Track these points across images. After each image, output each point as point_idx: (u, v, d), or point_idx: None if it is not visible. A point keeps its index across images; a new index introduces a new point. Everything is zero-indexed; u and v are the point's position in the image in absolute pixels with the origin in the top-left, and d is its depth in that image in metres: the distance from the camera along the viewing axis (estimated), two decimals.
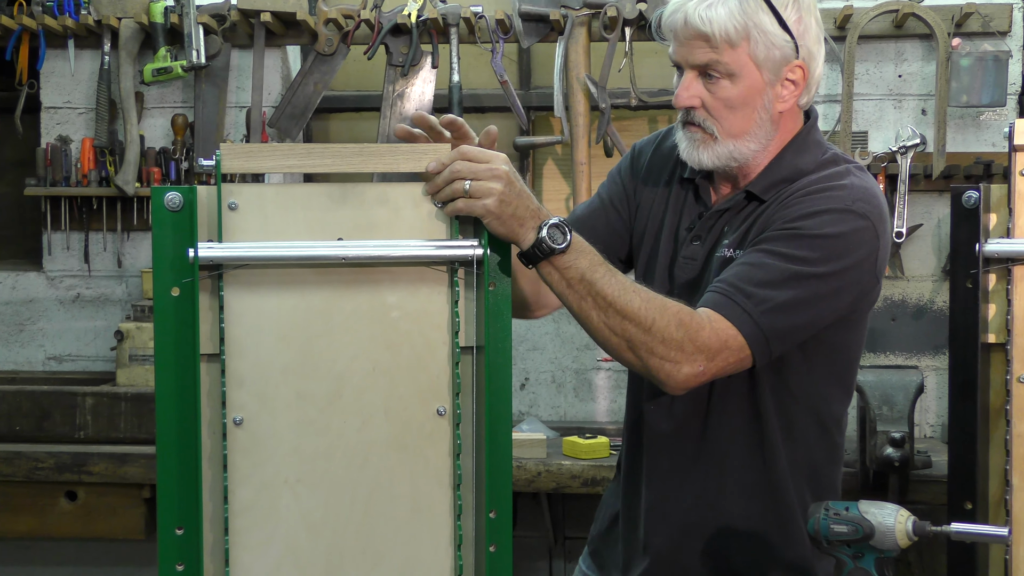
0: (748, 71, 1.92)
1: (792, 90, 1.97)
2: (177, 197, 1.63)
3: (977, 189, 2.11)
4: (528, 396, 4.33)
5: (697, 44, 1.91)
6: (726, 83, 1.93)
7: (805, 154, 2.01)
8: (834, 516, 1.67)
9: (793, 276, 1.86)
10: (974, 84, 4.00)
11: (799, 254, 1.87)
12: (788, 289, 1.85)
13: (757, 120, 1.96)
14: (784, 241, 1.88)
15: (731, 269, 1.90)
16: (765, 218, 1.94)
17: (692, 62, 1.94)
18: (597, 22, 4.11)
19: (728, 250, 1.97)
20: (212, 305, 1.65)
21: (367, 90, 4.60)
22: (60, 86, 4.45)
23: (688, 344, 1.80)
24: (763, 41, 1.91)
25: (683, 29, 1.92)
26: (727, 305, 1.84)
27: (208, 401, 1.66)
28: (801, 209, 1.91)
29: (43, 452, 3.73)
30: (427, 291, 1.70)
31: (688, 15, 1.90)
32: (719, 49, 1.90)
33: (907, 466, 3.34)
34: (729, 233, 1.99)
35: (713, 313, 1.83)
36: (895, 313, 4.20)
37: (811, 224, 1.89)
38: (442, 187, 1.66)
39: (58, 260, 4.47)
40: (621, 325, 1.79)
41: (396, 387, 1.70)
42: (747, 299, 1.84)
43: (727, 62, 1.91)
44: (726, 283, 1.87)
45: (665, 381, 1.84)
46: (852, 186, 1.94)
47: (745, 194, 2.00)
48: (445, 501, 1.72)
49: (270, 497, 1.68)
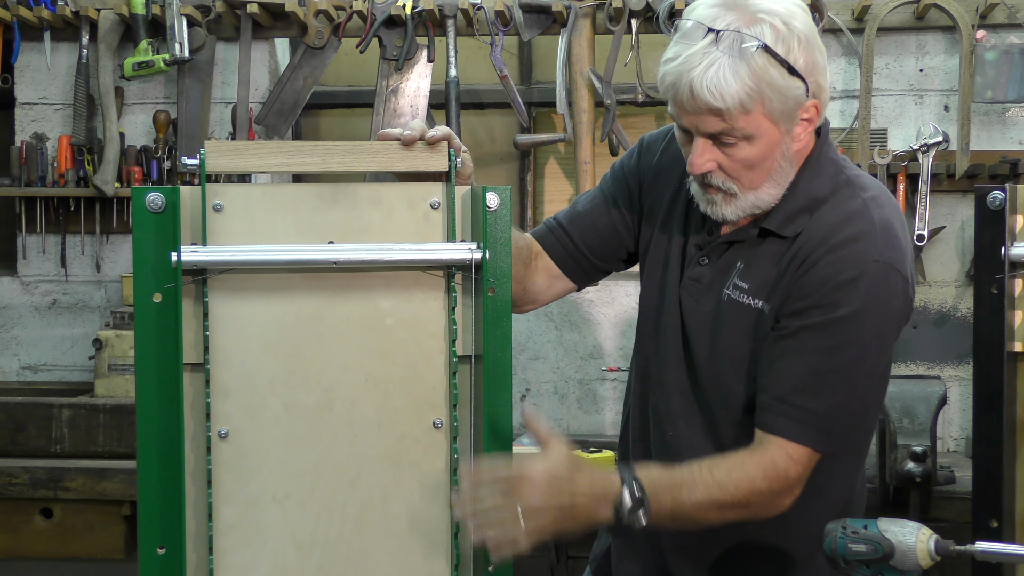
0: (764, 129, 1.89)
1: (806, 127, 1.95)
2: (159, 198, 1.63)
3: (1003, 189, 2.11)
4: (529, 408, 4.33)
5: (706, 117, 1.86)
6: (743, 145, 1.89)
7: (819, 177, 1.99)
8: (852, 534, 1.67)
9: (848, 366, 1.91)
10: (1000, 79, 4.01)
11: (846, 338, 1.90)
12: (847, 383, 1.91)
13: (776, 168, 1.95)
14: (825, 329, 1.90)
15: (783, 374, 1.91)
16: (792, 277, 1.93)
17: (704, 131, 1.89)
18: (602, 14, 4.11)
19: (747, 297, 1.96)
20: (196, 312, 1.65)
21: (359, 85, 4.60)
22: (35, 81, 4.45)
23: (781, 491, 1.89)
24: (776, 98, 1.87)
25: (691, 102, 1.85)
26: (800, 431, 1.89)
27: (191, 413, 1.66)
28: (831, 275, 1.90)
29: (17, 467, 3.73)
30: (423, 297, 1.70)
31: (695, 87, 1.83)
32: (733, 119, 1.85)
33: (929, 482, 3.34)
34: (745, 272, 1.98)
35: (790, 445, 1.89)
36: (916, 320, 4.20)
37: (845, 298, 1.89)
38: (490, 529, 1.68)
39: (33, 264, 4.47)
40: (723, 518, 1.88)
41: (390, 398, 1.70)
42: (815, 417, 1.89)
43: (742, 127, 1.86)
44: (790, 403, 1.90)
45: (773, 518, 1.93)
46: (873, 230, 1.93)
47: (760, 230, 1.99)
48: (442, 518, 1.72)
49: (257, 515, 1.68)
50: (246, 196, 1.66)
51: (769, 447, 1.89)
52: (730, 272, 1.99)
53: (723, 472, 1.87)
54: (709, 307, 2.00)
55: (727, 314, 1.97)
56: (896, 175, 4.05)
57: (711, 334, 1.98)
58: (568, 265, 2.16)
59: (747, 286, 1.97)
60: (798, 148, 1.96)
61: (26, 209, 4.38)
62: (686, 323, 2.01)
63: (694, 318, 2.00)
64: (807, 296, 1.91)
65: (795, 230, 1.96)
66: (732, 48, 1.82)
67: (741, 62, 1.82)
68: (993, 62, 4.00)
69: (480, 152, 4.61)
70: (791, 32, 1.85)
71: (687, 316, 2.01)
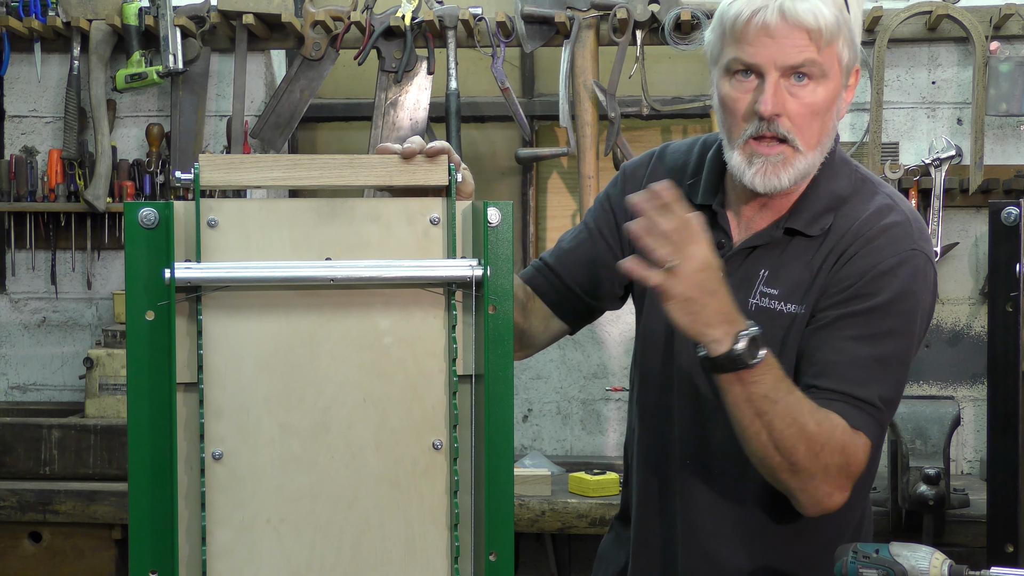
0: (834, 72, 1.91)
1: (847, 99, 1.98)
2: (152, 213, 1.63)
3: (1017, 205, 2.12)
4: (531, 428, 4.33)
5: (795, 40, 1.86)
6: (813, 86, 1.90)
7: (838, 178, 2.01)
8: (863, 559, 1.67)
9: (892, 356, 1.93)
10: (1014, 91, 4.01)
11: (888, 326, 1.92)
12: (891, 373, 1.94)
13: (830, 130, 1.97)
14: (866, 317, 1.91)
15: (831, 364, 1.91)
16: (827, 273, 1.94)
17: (784, 62, 1.88)
18: (606, 25, 4.12)
19: (779, 303, 1.96)
20: (190, 330, 1.65)
21: (357, 98, 4.61)
22: (25, 93, 4.46)
23: (846, 471, 1.88)
24: (847, 39, 1.91)
25: (781, 24, 1.86)
26: (861, 417, 1.90)
27: (185, 434, 1.66)
28: (870, 265, 1.93)
29: (5, 489, 3.73)
30: (422, 315, 1.70)
31: (786, 7, 1.85)
32: (820, 46, 1.87)
33: (942, 505, 3.33)
34: (772, 278, 1.98)
35: (853, 430, 1.88)
36: (929, 339, 4.20)
37: (886, 286, 1.92)
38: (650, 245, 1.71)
39: (22, 281, 4.47)
40: (793, 447, 1.83)
41: (388, 419, 1.70)
42: (870, 405, 1.90)
43: (822, 62, 1.88)
44: (843, 392, 1.89)
45: (811, 506, 1.90)
46: (907, 220, 1.97)
47: (784, 231, 1.99)
48: (441, 543, 1.72)
49: (251, 539, 1.68)
50: (241, 211, 1.66)
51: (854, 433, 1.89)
52: (754, 281, 1.99)
53: (818, 408, 1.86)
54: None
55: (759, 325, 1.97)
56: (908, 190, 4.05)
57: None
58: (560, 306, 2.16)
59: (777, 292, 1.97)
60: (841, 117, 1.98)
61: (15, 224, 4.38)
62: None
63: None
64: (847, 287, 1.92)
65: (821, 228, 1.97)
66: None
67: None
68: (1007, 74, 4.01)
69: (481, 166, 4.61)
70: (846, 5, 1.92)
71: None
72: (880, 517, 3.53)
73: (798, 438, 1.82)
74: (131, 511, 1.65)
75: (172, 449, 1.64)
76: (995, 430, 2.15)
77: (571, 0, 4.12)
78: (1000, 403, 2.15)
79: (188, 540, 1.67)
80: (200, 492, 1.65)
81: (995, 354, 2.16)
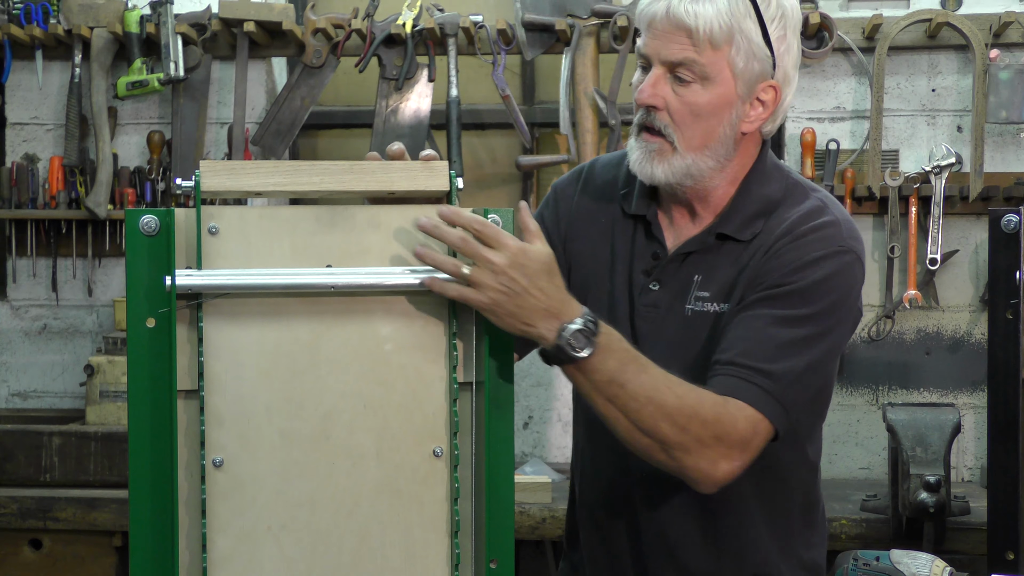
0: (723, 78, 1.91)
1: (760, 112, 1.96)
2: (153, 220, 1.63)
3: (1017, 212, 2.12)
4: (532, 436, 4.33)
5: (676, 38, 1.89)
6: (697, 87, 1.91)
7: (771, 182, 2.01)
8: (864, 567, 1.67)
9: (803, 340, 1.89)
10: (1014, 99, 4.02)
11: (804, 312, 1.89)
12: (802, 355, 1.89)
13: (720, 136, 1.95)
14: (785, 300, 1.90)
15: (736, 340, 1.89)
16: (754, 269, 1.94)
17: (665, 57, 1.91)
18: (606, 32, 4.13)
19: (711, 304, 1.96)
20: (190, 337, 1.65)
21: (358, 105, 4.61)
22: (27, 100, 4.46)
23: (724, 440, 1.82)
24: (745, 49, 1.90)
25: (664, 20, 1.89)
26: (750, 391, 1.85)
27: (185, 441, 1.66)
28: (795, 258, 1.92)
29: (5, 496, 3.72)
30: (423, 322, 1.70)
31: (672, 5, 1.88)
32: (700, 47, 1.88)
33: (943, 512, 3.33)
34: (705, 282, 1.98)
35: (739, 402, 1.85)
36: (929, 346, 4.20)
37: (809, 274, 1.91)
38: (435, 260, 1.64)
39: (23, 288, 4.47)
40: (655, 426, 1.80)
41: (389, 426, 1.69)
42: (766, 378, 1.86)
43: (704, 63, 1.89)
44: (739, 364, 1.87)
45: (701, 481, 1.86)
46: (837, 221, 1.97)
47: (716, 236, 1.99)
48: (441, 550, 1.72)
49: (252, 546, 1.67)
50: (242, 219, 1.66)
51: (728, 402, 1.85)
52: (689, 287, 1.99)
53: (679, 382, 1.82)
54: (673, 329, 1.99)
55: (696, 329, 1.97)
56: (908, 197, 4.05)
57: (680, 356, 1.97)
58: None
59: (708, 294, 1.97)
60: (746, 131, 1.96)
61: (16, 232, 4.38)
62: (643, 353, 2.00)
63: (657, 346, 1.98)
64: (769, 278, 1.92)
65: (752, 232, 1.97)
66: None
67: (724, 0, 1.88)
68: (1007, 82, 4.01)
69: (482, 173, 4.62)
70: (778, 6, 1.93)
71: (646, 345, 1.98)
72: (881, 524, 3.54)
73: (658, 416, 1.79)
74: (131, 518, 1.65)
75: (173, 456, 1.64)
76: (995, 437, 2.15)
77: (572, 8, 4.13)
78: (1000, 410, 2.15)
79: (188, 547, 1.66)
80: (201, 499, 1.65)
81: (995, 361, 2.16)
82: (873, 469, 4.20)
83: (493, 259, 1.66)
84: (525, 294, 1.69)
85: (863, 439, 4.23)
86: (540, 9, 4.14)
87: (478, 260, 1.66)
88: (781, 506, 2.05)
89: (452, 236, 1.64)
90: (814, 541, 2.09)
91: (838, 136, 4.17)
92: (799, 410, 1.90)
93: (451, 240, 1.65)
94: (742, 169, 2.00)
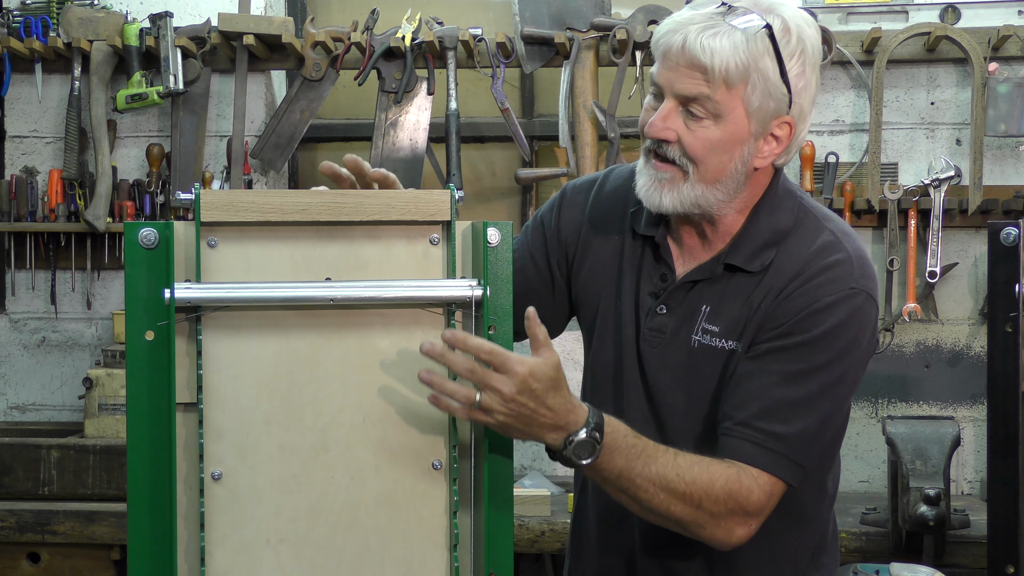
0: (736, 116, 1.87)
1: (773, 147, 1.92)
2: (152, 233, 1.63)
3: (1016, 225, 2.12)
4: (531, 448, 4.32)
5: (690, 73, 1.85)
6: (709, 123, 1.87)
7: (780, 210, 1.98)
8: None
9: (817, 394, 1.89)
10: (1013, 112, 4.02)
11: (816, 363, 1.89)
12: (816, 411, 1.90)
13: (731, 171, 1.91)
14: (796, 353, 1.89)
15: (749, 398, 1.89)
16: (765, 311, 1.91)
17: (679, 91, 1.87)
18: (605, 45, 4.13)
19: (719, 340, 1.94)
20: (189, 350, 1.65)
21: (358, 118, 4.62)
22: (26, 113, 4.47)
23: (739, 512, 1.85)
24: (761, 88, 1.86)
25: (679, 53, 1.85)
26: (765, 457, 1.87)
27: (184, 454, 1.66)
28: (807, 303, 1.90)
29: (3, 510, 3.72)
30: (422, 335, 1.70)
31: (688, 40, 1.84)
32: (714, 85, 1.84)
33: (943, 526, 3.32)
34: (712, 315, 1.96)
35: (754, 471, 1.86)
36: (929, 359, 4.20)
37: (820, 321, 1.89)
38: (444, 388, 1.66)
39: (22, 301, 4.47)
40: (668, 510, 1.83)
41: (388, 439, 1.69)
42: (780, 442, 1.87)
43: (718, 101, 1.85)
44: (754, 428, 1.87)
45: (717, 546, 1.89)
46: (849, 258, 1.94)
47: (724, 266, 1.97)
48: (441, 563, 1.71)
49: (250, 559, 1.67)
50: (241, 232, 1.66)
51: (743, 472, 1.86)
52: (696, 317, 1.97)
53: (687, 461, 1.84)
54: (678, 357, 1.98)
55: (701, 361, 1.95)
56: (907, 210, 4.06)
57: (685, 386, 1.96)
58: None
59: (717, 329, 1.95)
60: (758, 166, 1.94)
61: (15, 244, 4.38)
62: (649, 379, 1.99)
63: (661, 372, 1.98)
64: (780, 324, 1.90)
65: (761, 264, 1.95)
66: (737, 22, 1.84)
67: (742, 36, 1.83)
68: (1006, 95, 4.02)
69: (481, 186, 4.62)
70: (799, 42, 1.88)
71: (651, 371, 1.98)
72: (880, 538, 3.53)
73: (670, 501, 1.82)
74: (130, 532, 1.65)
75: (171, 469, 1.64)
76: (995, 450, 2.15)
77: (571, 21, 4.13)
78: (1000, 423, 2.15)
79: (187, 561, 1.66)
80: (199, 512, 1.65)
81: (995, 374, 2.16)
82: (873, 482, 4.20)
83: (502, 389, 1.67)
84: (534, 415, 1.71)
85: (863, 452, 4.23)
86: (539, 22, 4.15)
87: (486, 389, 1.66)
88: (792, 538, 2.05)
89: (459, 364, 1.65)
90: (824, 561, 2.09)
91: (837, 149, 4.18)
92: (815, 460, 1.93)
93: (458, 368, 1.65)
94: (752, 198, 1.97)
